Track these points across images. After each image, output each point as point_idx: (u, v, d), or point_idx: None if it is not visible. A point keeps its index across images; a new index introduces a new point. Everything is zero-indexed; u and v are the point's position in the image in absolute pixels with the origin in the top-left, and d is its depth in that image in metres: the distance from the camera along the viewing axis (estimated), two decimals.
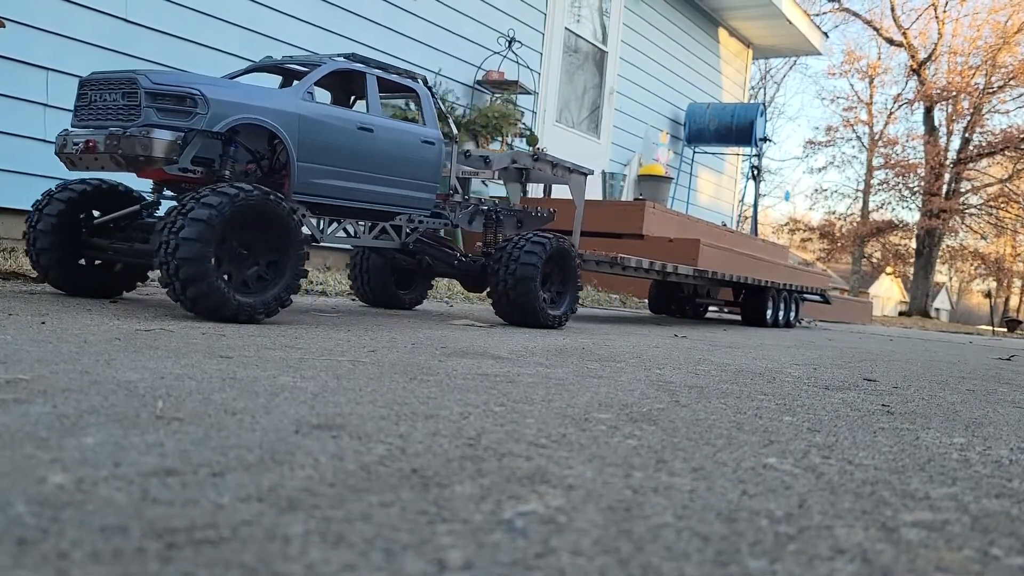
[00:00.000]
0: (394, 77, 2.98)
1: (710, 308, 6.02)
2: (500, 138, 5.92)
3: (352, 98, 3.27)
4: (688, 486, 0.81)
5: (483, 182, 5.87)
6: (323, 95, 2.99)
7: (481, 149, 3.46)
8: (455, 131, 3.43)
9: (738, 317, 5.58)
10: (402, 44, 6.06)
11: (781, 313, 5.46)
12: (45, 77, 4.05)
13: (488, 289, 3.03)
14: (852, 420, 1.34)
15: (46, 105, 4.06)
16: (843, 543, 0.67)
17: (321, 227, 2.73)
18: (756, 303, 5.17)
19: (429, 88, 3.13)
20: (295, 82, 2.88)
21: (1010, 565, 0.64)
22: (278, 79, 3.05)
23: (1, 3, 3.81)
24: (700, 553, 0.61)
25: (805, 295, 6.36)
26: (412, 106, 6.19)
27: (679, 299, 5.41)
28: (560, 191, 7.30)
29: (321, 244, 2.91)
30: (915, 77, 24.70)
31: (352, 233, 2.88)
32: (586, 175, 3.75)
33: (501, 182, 6.42)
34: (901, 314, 23.78)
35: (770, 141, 11.04)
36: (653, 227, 6.32)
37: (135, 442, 0.80)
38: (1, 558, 0.49)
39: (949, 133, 24.55)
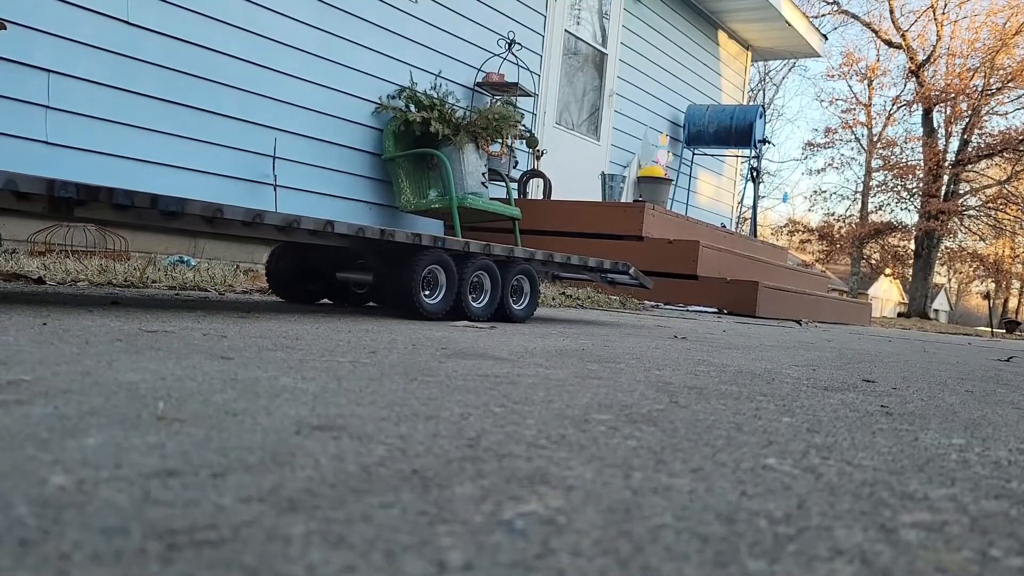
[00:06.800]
0: None
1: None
2: (500, 140, 5.93)
3: None
4: (687, 487, 0.81)
5: (483, 183, 5.83)
6: None
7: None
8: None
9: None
10: (402, 46, 6.06)
11: (483, 298, 3.06)
12: (47, 79, 4.05)
13: None
14: (851, 421, 1.34)
15: (47, 107, 4.07)
16: (842, 544, 0.67)
17: None
18: (399, 277, 2.79)
19: None
20: None
21: (1009, 566, 0.65)
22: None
23: (2, 5, 3.81)
24: (699, 554, 0.61)
25: (614, 275, 3.91)
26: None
27: (319, 273, 3.31)
28: (561, 191, 7.30)
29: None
30: (914, 79, 24.72)
31: None
32: None
33: (503, 183, 6.40)
34: (900, 315, 23.78)
35: (769, 143, 11.05)
36: (653, 229, 6.32)
37: (136, 443, 0.80)
38: (3, 559, 0.49)
39: (948, 135, 24.57)
